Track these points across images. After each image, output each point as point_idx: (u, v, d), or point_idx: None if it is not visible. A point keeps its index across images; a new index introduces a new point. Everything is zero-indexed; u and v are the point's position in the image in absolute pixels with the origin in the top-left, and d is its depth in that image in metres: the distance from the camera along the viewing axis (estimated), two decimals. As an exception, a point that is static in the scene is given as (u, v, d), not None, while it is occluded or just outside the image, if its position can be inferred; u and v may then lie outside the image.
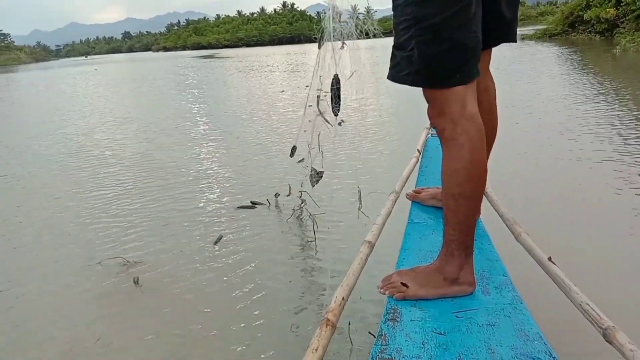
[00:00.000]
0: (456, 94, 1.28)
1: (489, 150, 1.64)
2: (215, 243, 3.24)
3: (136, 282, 2.78)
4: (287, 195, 3.93)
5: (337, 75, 2.04)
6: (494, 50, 1.65)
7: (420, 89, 1.35)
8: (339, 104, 2.01)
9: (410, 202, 2.08)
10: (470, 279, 1.39)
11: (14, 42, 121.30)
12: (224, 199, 4.14)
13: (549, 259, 1.42)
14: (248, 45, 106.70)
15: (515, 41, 1.61)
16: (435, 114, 1.33)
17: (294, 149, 2.74)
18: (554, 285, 1.35)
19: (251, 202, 3.94)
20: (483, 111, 1.53)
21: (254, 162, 5.37)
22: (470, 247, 1.38)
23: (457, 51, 1.26)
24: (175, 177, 4.93)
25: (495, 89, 1.70)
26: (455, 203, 1.33)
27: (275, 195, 3.99)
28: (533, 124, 6.04)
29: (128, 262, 3.02)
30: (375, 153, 5.29)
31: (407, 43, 1.27)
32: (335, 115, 2.12)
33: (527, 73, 11.59)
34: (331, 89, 1.94)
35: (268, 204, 3.86)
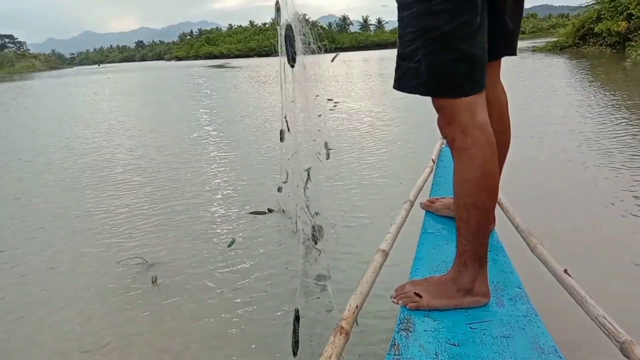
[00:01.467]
0: (466, 103, 1.28)
1: (503, 161, 1.63)
2: (229, 246, 3.30)
3: (154, 281, 2.88)
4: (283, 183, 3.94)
5: (291, 25, 1.98)
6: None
7: (429, 99, 1.35)
8: (294, 52, 1.94)
9: (424, 211, 2.07)
10: (484, 289, 1.38)
11: (29, 50, 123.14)
12: (237, 205, 4.23)
13: (565, 271, 1.41)
14: (259, 55, 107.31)
15: (515, 54, 1.61)
16: (445, 123, 1.33)
17: (282, 132, 2.77)
18: (570, 297, 1.34)
19: (268, 209, 3.99)
20: (494, 122, 1.53)
21: (264, 169, 5.45)
22: (484, 257, 1.37)
23: (464, 61, 1.26)
24: (190, 185, 5.02)
25: (507, 100, 1.69)
26: (467, 213, 1.32)
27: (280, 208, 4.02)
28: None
29: (146, 262, 3.14)
30: (389, 161, 5.28)
31: (414, 54, 1.28)
32: (292, 65, 2.06)
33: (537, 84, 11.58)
34: (285, 39, 1.88)
35: (282, 211, 3.90)
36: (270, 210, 3.96)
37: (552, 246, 1.64)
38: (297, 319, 1.82)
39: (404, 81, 1.34)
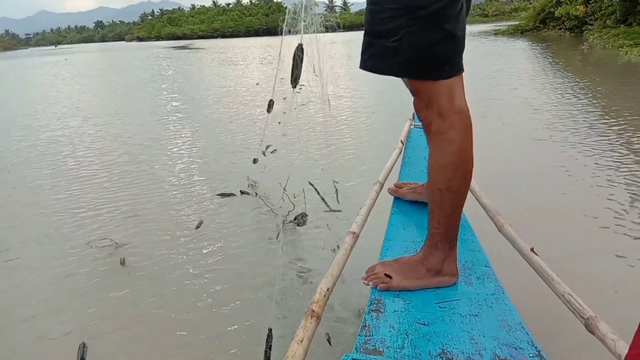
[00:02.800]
0: (445, 86, 1.26)
1: None
2: (197, 227, 3.36)
3: (122, 262, 2.91)
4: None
5: (302, 45, 1.98)
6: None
7: (400, 81, 1.33)
8: (299, 74, 1.95)
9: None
10: (453, 270, 1.39)
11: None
12: (204, 187, 4.25)
13: (532, 249, 1.43)
14: (224, 36, 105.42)
15: None
16: (423, 106, 1.30)
17: (271, 102, 2.78)
18: (537, 275, 1.36)
19: (241, 191, 4.02)
20: None
21: (229, 152, 5.44)
22: (454, 239, 1.38)
23: (447, 42, 1.23)
24: (158, 168, 4.98)
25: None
26: (442, 197, 1.31)
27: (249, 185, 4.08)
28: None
29: (116, 243, 3.16)
30: (358, 144, 5.30)
31: (394, 32, 1.22)
32: (294, 85, 2.07)
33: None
34: (294, 58, 1.88)
35: (255, 194, 3.91)
36: (242, 192, 3.98)
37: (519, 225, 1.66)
38: (269, 338, 1.83)
39: (378, 61, 1.28)
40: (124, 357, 2.14)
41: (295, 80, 2.06)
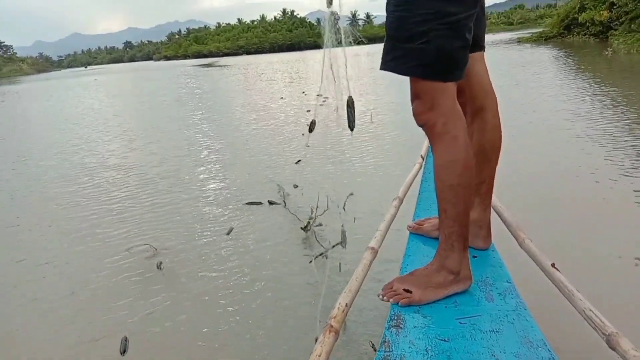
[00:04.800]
0: (450, 89, 1.34)
1: (498, 155, 1.65)
2: (228, 234, 3.50)
3: (159, 266, 3.06)
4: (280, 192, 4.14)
5: (352, 97, 2.07)
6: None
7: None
8: (354, 121, 2.04)
9: (413, 207, 2.08)
10: (468, 273, 1.42)
11: (16, 53, 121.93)
12: (233, 197, 4.38)
13: (553, 265, 1.42)
14: (248, 52, 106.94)
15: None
16: (426, 109, 1.36)
17: (313, 123, 2.87)
18: (558, 291, 1.35)
19: (269, 201, 4.10)
20: (490, 115, 1.57)
21: (258, 164, 5.54)
22: (467, 239, 1.41)
23: (465, 49, 1.34)
24: (190, 181, 5.12)
25: (495, 95, 1.70)
26: (454, 193, 1.36)
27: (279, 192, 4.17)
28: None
29: (155, 248, 3.31)
30: (377, 159, 5.30)
31: (421, 36, 1.30)
32: (351, 129, 2.15)
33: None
34: (347, 109, 1.97)
35: (284, 204, 3.98)
36: (270, 203, 4.05)
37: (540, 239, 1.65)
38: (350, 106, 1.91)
39: (401, 62, 1.36)
40: (161, 351, 2.26)
41: (351, 126, 2.15)
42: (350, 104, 2.12)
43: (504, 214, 1.87)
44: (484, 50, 1.64)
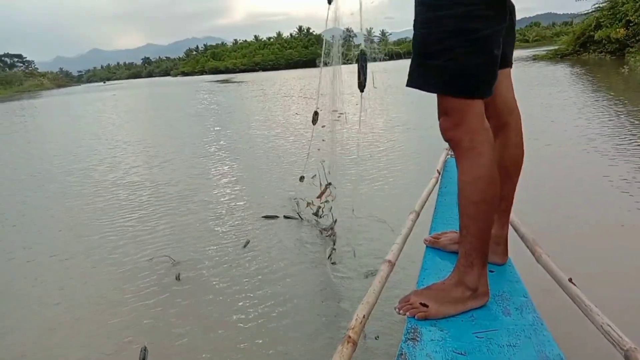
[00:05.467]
0: (477, 106, 1.34)
1: (518, 174, 1.66)
2: (244, 247, 3.55)
3: (177, 278, 3.12)
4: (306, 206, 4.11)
5: (364, 50, 2.08)
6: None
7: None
8: (365, 78, 2.05)
9: (430, 221, 2.09)
10: (486, 289, 1.42)
11: (37, 68, 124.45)
12: (249, 210, 4.45)
13: (570, 280, 1.42)
14: (264, 69, 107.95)
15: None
16: (453, 125, 1.37)
17: (316, 114, 3.02)
18: (575, 306, 1.35)
19: (285, 215, 4.14)
20: (512, 133, 1.57)
21: (272, 178, 5.65)
22: (487, 256, 1.41)
23: (491, 65, 1.34)
24: (208, 194, 5.19)
25: (519, 113, 1.70)
26: (477, 210, 1.36)
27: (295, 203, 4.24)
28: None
29: (174, 260, 3.38)
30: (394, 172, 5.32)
31: (444, 53, 1.31)
32: (361, 89, 2.16)
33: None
34: (358, 62, 1.98)
35: (300, 219, 4.02)
36: (286, 217, 4.09)
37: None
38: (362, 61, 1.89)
39: (426, 79, 1.38)
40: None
41: (362, 85, 2.16)
42: (362, 58, 2.13)
43: (521, 229, 1.86)
44: (511, 67, 1.64)
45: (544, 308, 1.45)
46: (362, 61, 2.15)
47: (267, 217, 4.15)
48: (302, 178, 3.83)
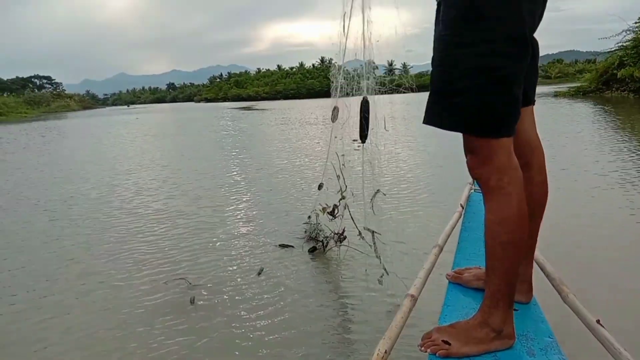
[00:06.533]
0: (504, 144, 1.32)
1: (543, 212, 1.64)
2: (259, 274, 3.53)
3: (192, 301, 3.12)
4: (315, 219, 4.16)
5: (366, 97, 2.09)
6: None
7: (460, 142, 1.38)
8: (367, 128, 2.05)
9: (453, 256, 2.07)
10: (511, 331, 1.38)
11: (65, 90, 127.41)
12: (266, 238, 4.43)
13: (598, 321, 1.39)
14: (286, 97, 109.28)
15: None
16: (479, 163, 1.35)
17: (335, 110, 3.03)
18: (603, 349, 1.31)
19: (309, 250, 4.01)
20: (534, 171, 1.55)
21: (291, 205, 5.66)
22: (513, 297, 1.39)
23: (514, 104, 1.31)
24: (226, 219, 5.22)
25: (543, 150, 1.68)
26: (504, 251, 1.34)
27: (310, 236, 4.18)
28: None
29: (190, 283, 3.40)
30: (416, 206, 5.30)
31: (464, 91, 1.29)
32: (362, 140, 2.16)
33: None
34: (360, 112, 1.99)
35: (323, 250, 3.96)
36: (312, 250, 3.98)
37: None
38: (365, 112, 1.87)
39: (444, 117, 1.36)
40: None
41: (364, 136, 2.16)
42: (365, 108, 2.12)
43: (547, 267, 1.84)
44: (534, 104, 1.61)
45: (570, 349, 1.42)
46: (364, 112, 2.16)
47: (283, 245, 4.12)
48: (320, 186, 3.82)
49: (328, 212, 3.77)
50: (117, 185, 7.72)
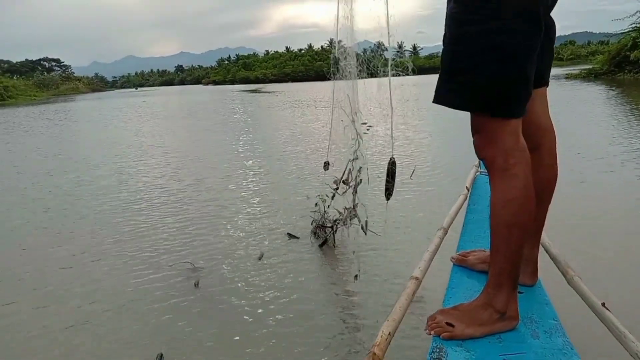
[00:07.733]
0: (512, 124, 1.30)
1: (551, 196, 1.62)
2: (259, 259, 3.53)
3: (196, 285, 3.13)
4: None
5: (394, 158, 2.08)
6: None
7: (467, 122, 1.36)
8: (393, 185, 2.05)
9: (458, 238, 2.07)
10: (515, 313, 1.38)
11: (74, 73, 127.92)
12: (271, 225, 4.39)
13: (603, 304, 1.38)
14: (294, 80, 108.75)
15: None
16: (486, 143, 1.34)
17: (326, 164, 2.96)
18: (608, 331, 1.31)
19: (318, 245, 3.88)
20: (545, 154, 1.52)
21: (298, 191, 5.61)
22: (517, 279, 1.38)
23: (524, 83, 1.28)
24: (234, 204, 5.19)
25: (555, 133, 1.65)
26: (509, 232, 1.33)
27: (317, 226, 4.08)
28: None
29: (195, 266, 3.42)
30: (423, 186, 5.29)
31: (474, 69, 1.28)
32: (388, 197, 2.15)
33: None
34: (387, 169, 1.99)
35: (333, 241, 3.86)
36: (322, 245, 3.84)
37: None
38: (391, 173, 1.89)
39: (454, 96, 1.34)
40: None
41: (388, 194, 2.15)
42: (391, 172, 2.11)
43: (552, 249, 1.83)
44: (547, 86, 1.59)
45: (574, 332, 1.41)
46: (391, 173, 2.14)
47: (290, 235, 4.05)
48: (326, 165, 3.74)
49: (342, 181, 3.61)
50: (124, 169, 7.77)
